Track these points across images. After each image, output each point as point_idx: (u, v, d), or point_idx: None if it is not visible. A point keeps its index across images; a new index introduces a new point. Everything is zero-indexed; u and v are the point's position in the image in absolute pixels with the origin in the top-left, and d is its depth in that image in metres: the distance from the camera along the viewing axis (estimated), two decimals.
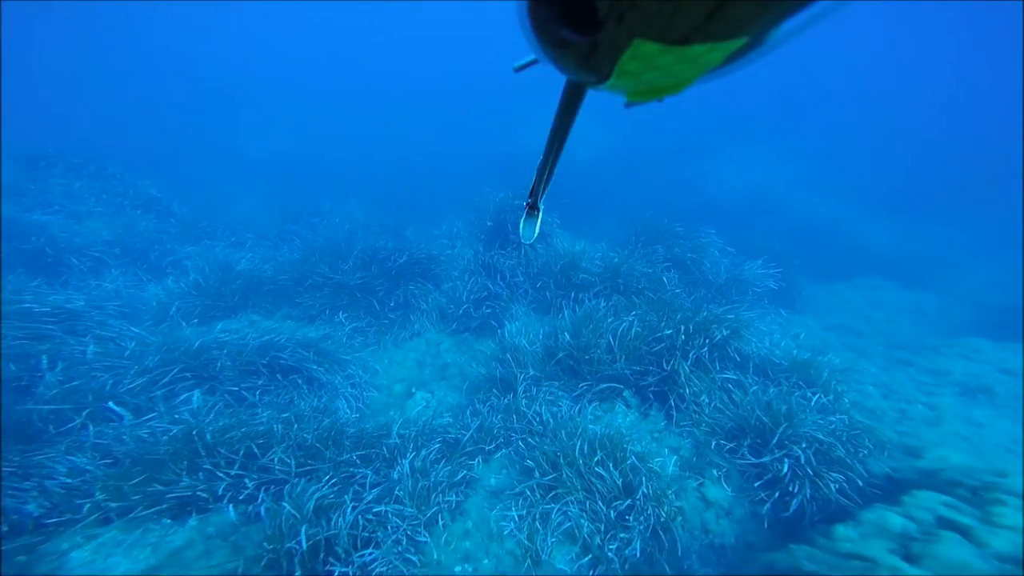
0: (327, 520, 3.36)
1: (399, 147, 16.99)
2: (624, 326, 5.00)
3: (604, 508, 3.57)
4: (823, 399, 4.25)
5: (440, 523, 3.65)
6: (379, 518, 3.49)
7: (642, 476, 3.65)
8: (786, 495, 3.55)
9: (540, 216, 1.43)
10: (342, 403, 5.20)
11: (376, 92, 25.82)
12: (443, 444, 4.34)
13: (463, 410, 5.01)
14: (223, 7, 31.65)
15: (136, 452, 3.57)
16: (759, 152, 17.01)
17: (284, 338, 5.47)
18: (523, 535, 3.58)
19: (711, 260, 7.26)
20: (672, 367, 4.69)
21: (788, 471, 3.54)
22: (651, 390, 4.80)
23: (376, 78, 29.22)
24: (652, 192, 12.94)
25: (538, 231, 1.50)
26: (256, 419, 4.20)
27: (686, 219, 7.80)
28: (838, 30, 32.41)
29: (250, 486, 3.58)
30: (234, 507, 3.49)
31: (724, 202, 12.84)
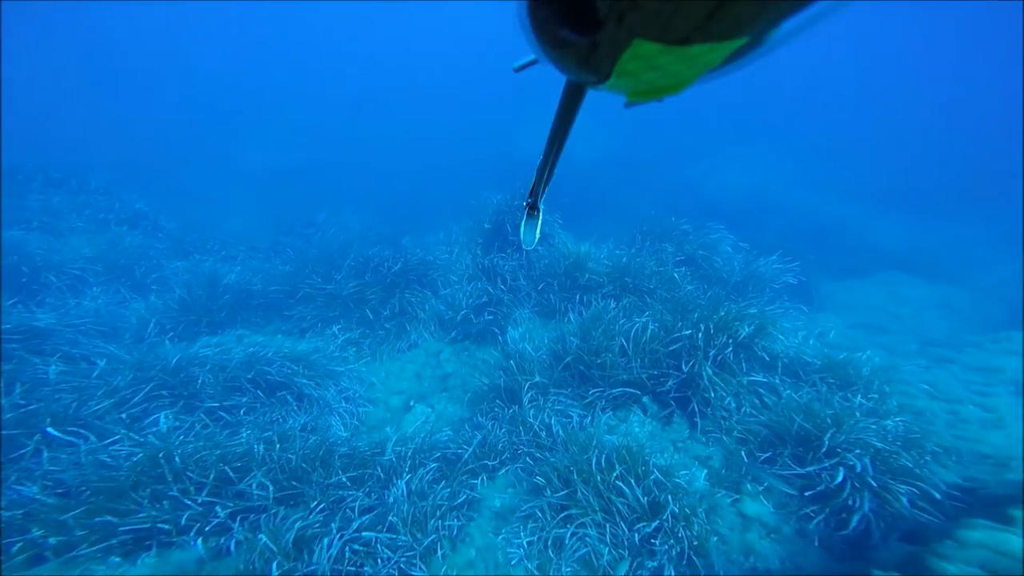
0: (309, 553, 2.92)
1: (396, 154, 16.60)
2: (638, 327, 4.58)
3: (627, 531, 3.11)
4: (866, 402, 3.79)
5: (439, 552, 3.20)
6: (369, 549, 3.05)
7: (668, 493, 3.19)
8: (842, 510, 3.07)
9: (540, 218, 1.40)
10: (335, 419, 4.79)
11: (373, 96, 25.05)
12: (443, 461, 3.91)
13: (464, 423, 4.58)
14: (210, 12, 30.01)
15: (93, 479, 3.15)
16: (760, 152, 16.74)
17: (271, 351, 5.09)
18: (533, 564, 3.12)
19: (723, 257, 6.87)
20: (693, 369, 4.25)
21: (843, 482, 3.06)
22: (671, 395, 4.35)
23: (372, 82, 28.17)
24: (653, 192, 12.65)
25: (539, 233, 1.45)
26: (235, 439, 3.79)
27: (692, 217, 7.46)
28: (838, 30, 32.50)
29: (222, 515, 3.15)
30: (203, 540, 3.05)
31: (725, 202, 12.55)
